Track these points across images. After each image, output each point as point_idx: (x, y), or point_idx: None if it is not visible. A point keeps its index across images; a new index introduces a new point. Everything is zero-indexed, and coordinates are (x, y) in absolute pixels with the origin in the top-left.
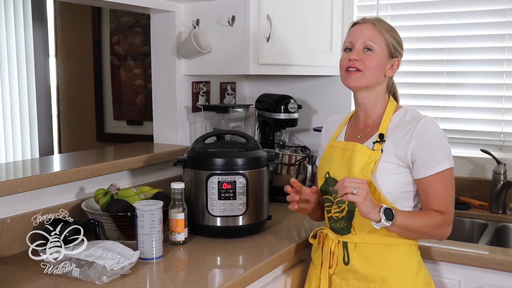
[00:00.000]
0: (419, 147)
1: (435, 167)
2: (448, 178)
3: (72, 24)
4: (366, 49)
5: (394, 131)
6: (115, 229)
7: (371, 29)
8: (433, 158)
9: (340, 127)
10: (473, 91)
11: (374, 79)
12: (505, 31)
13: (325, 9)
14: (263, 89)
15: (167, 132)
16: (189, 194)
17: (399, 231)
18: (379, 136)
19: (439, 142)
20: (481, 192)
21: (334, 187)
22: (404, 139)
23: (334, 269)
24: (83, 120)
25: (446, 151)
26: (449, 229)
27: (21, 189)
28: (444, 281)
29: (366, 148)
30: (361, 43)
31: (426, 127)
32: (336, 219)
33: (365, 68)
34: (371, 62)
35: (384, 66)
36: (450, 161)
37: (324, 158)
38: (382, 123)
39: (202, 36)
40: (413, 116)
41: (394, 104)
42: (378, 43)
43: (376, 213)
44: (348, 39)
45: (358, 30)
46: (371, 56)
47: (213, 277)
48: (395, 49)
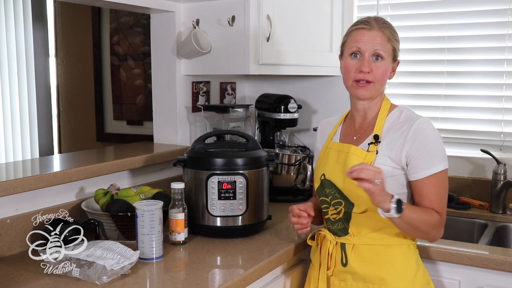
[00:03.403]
0: (413, 149)
1: (430, 169)
2: (442, 180)
3: (72, 24)
4: (375, 57)
5: (389, 133)
6: (115, 229)
7: (381, 37)
8: (428, 160)
9: (335, 128)
10: (473, 91)
11: (381, 87)
12: (505, 31)
13: (325, 9)
14: (263, 89)
15: (167, 132)
16: (189, 194)
17: (402, 225)
18: (374, 137)
19: (434, 143)
20: (481, 192)
21: (347, 171)
22: (399, 141)
23: (333, 271)
24: (83, 120)
25: (441, 152)
26: (442, 231)
27: (21, 189)
28: (444, 281)
29: (361, 150)
30: (371, 52)
31: (421, 128)
32: (333, 221)
33: (375, 79)
34: (380, 71)
35: (389, 72)
36: (445, 162)
37: (320, 160)
38: (377, 123)
39: (202, 36)
40: (408, 117)
41: (389, 103)
42: (387, 50)
43: (388, 202)
44: (355, 44)
45: (368, 37)
46: (381, 66)
47: (213, 277)
48: (397, 53)
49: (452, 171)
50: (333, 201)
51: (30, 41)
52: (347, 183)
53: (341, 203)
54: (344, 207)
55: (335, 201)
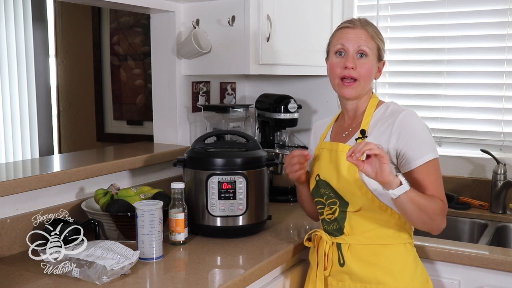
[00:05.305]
0: (402, 141)
1: (421, 158)
2: (435, 168)
3: (72, 24)
4: (359, 55)
5: (376, 127)
6: (115, 229)
7: (364, 34)
8: (419, 149)
9: (327, 128)
10: (473, 91)
11: (367, 86)
12: (505, 31)
13: (325, 9)
14: (263, 89)
15: (167, 132)
16: (189, 194)
17: (410, 207)
18: (360, 132)
19: (421, 133)
20: (481, 192)
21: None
22: (385, 134)
23: (330, 271)
24: (83, 120)
25: (428, 142)
26: (445, 220)
27: (21, 189)
28: (444, 281)
29: (349, 146)
30: (355, 48)
31: (406, 121)
32: (328, 221)
33: (360, 76)
34: (365, 69)
35: (374, 70)
36: (434, 152)
37: (314, 162)
38: (364, 119)
39: (202, 36)
40: (394, 110)
41: (376, 100)
42: (371, 47)
43: (395, 176)
44: (339, 41)
45: (352, 34)
46: (365, 62)
47: (213, 277)
48: (382, 52)
49: (452, 171)
50: (328, 201)
51: (30, 41)
52: (341, 182)
53: (335, 202)
54: (339, 207)
55: (330, 201)
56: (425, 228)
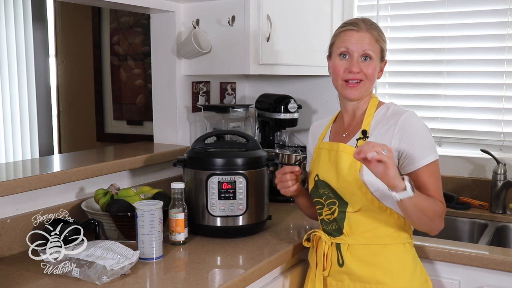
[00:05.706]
0: (404, 142)
1: (423, 159)
2: (435, 170)
3: (72, 24)
4: (363, 58)
5: (377, 127)
6: (115, 229)
7: (369, 37)
8: (421, 150)
9: (326, 129)
10: (473, 91)
11: (371, 86)
12: (505, 31)
13: (325, 9)
14: (263, 89)
15: (167, 132)
16: (189, 194)
17: (412, 210)
18: (362, 133)
19: (423, 134)
20: (481, 192)
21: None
22: (387, 135)
23: (329, 271)
24: (83, 120)
25: (430, 143)
26: (443, 221)
27: (21, 189)
28: (443, 281)
29: (350, 146)
30: (359, 52)
31: (408, 122)
32: (327, 221)
33: (364, 77)
34: (370, 71)
35: (377, 71)
36: (435, 154)
37: (313, 162)
38: (365, 119)
39: (202, 36)
40: (395, 111)
41: (377, 100)
42: (375, 50)
43: (400, 180)
44: (343, 44)
45: (357, 38)
46: (370, 65)
47: (213, 277)
48: (385, 53)
49: (452, 171)
50: (327, 201)
51: (30, 41)
52: (341, 182)
53: (335, 202)
54: (338, 207)
55: (329, 201)
56: (424, 229)
